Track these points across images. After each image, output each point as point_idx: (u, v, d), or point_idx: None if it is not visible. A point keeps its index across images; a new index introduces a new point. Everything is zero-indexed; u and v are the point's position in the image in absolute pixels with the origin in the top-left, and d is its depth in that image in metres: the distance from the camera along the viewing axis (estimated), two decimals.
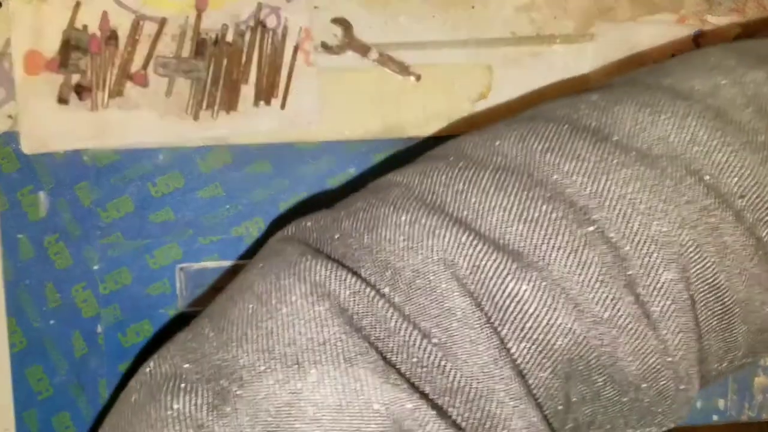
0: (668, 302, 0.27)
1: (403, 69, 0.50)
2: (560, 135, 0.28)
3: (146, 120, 0.48)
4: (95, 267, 0.49)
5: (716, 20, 0.51)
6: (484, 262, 0.26)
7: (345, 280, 0.26)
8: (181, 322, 0.49)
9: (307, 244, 0.29)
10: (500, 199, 0.27)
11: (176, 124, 0.49)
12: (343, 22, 0.49)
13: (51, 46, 0.48)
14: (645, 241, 0.26)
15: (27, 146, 0.48)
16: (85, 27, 0.48)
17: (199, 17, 0.48)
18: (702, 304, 0.27)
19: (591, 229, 0.26)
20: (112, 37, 0.48)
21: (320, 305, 0.26)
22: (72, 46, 0.47)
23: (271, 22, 0.49)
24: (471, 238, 0.26)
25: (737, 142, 0.27)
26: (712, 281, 0.27)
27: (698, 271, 0.27)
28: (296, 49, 0.49)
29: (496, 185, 0.27)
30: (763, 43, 0.32)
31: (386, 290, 0.26)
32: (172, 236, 0.49)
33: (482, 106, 0.50)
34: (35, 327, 0.48)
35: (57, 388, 0.49)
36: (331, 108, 0.50)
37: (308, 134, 0.50)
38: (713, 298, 0.27)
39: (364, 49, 0.49)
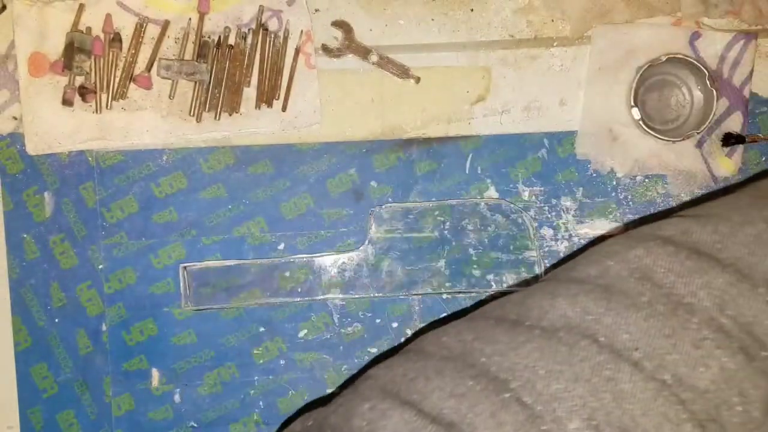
0: None
1: (403, 71, 0.50)
2: (487, 328, 0.37)
3: (150, 121, 0.49)
4: (100, 266, 0.49)
5: (712, 23, 0.52)
6: None
7: None
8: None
9: None
10: (438, 382, 0.35)
11: (179, 126, 0.49)
12: (343, 25, 0.50)
13: (55, 49, 0.48)
14: (549, 399, 0.33)
15: (31, 147, 0.49)
16: (88, 29, 0.48)
17: (201, 20, 0.49)
18: None
19: (507, 395, 0.33)
20: (115, 39, 0.48)
21: None
22: (76, 48, 0.47)
23: (272, 25, 0.49)
24: (414, 415, 0.33)
25: (621, 306, 0.35)
26: (618, 423, 0.32)
27: (602, 417, 0.32)
28: (297, 51, 0.49)
29: (437, 371, 0.35)
30: (645, 228, 0.41)
31: None
32: (175, 236, 0.50)
33: (481, 107, 0.51)
34: (40, 326, 0.49)
35: (62, 386, 0.49)
36: (331, 110, 0.50)
37: (309, 136, 0.50)
38: None
39: (364, 52, 0.50)
